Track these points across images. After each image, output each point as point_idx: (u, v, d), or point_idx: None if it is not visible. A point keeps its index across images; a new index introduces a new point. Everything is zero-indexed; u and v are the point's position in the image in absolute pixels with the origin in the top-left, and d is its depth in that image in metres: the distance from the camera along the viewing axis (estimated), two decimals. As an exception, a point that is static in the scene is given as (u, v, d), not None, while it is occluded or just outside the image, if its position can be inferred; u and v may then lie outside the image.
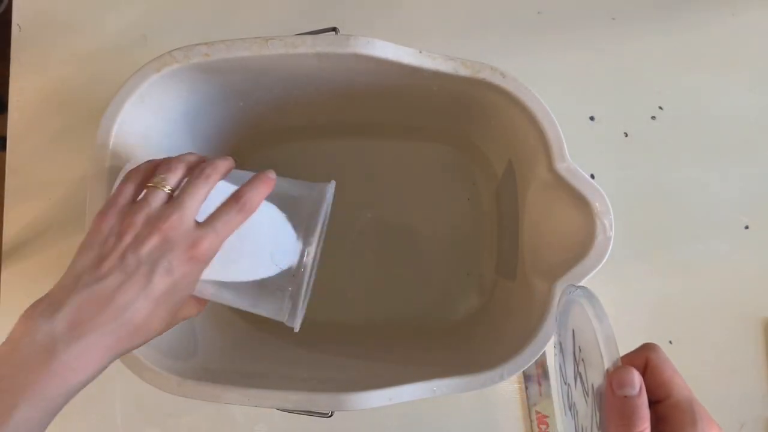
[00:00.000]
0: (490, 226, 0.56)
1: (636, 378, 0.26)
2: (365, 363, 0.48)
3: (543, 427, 0.53)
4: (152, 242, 0.32)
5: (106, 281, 0.31)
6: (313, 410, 0.38)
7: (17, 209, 0.57)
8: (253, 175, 0.36)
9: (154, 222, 0.32)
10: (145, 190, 0.34)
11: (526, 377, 0.54)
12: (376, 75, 0.41)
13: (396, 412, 0.55)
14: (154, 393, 0.38)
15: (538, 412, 0.53)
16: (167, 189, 0.34)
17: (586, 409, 0.29)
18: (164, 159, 0.36)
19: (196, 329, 0.47)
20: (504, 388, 0.55)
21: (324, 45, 0.38)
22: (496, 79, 0.38)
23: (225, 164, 0.36)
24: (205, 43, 0.39)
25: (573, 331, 0.31)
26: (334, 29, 0.45)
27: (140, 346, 0.34)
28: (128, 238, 0.32)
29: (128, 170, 0.36)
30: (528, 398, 0.54)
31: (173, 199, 0.33)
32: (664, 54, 0.57)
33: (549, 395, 0.54)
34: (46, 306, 0.31)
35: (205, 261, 0.34)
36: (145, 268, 0.32)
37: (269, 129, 0.55)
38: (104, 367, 0.32)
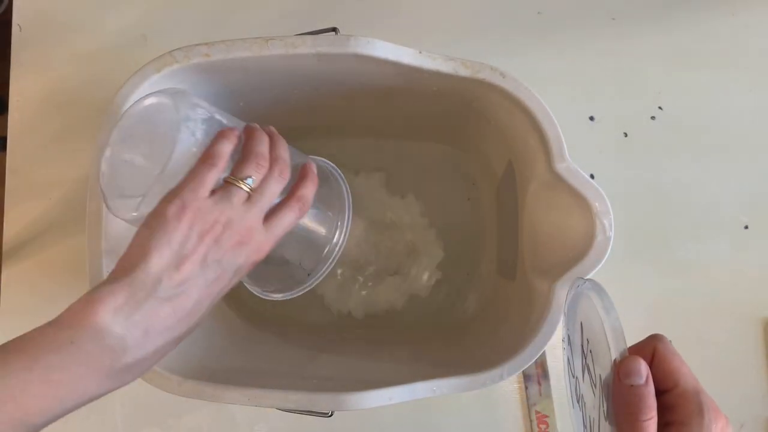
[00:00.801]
0: (490, 226, 0.56)
1: (642, 367, 0.26)
2: (365, 363, 0.48)
3: (543, 426, 0.53)
4: (230, 245, 0.32)
5: (188, 293, 0.31)
6: (313, 410, 0.38)
7: (17, 209, 0.57)
8: (301, 170, 0.37)
9: (235, 225, 0.32)
10: (226, 184, 0.33)
11: (526, 377, 0.54)
12: (376, 75, 0.41)
13: (396, 412, 0.55)
14: (154, 393, 0.38)
15: (538, 412, 0.53)
16: (248, 188, 0.33)
17: (593, 400, 0.29)
18: (246, 142, 0.35)
19: (197, 329, 0.47)
20: (504, 388, 0.55)
21: (324, 45, 0.38)
22: (496, 79, 0.38)
23: (287, 153, 0.36)
24: (205, 43, 0.39)
25: (581, 323, 0.32)
26: (334, 29, 0.45)
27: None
28: (209, 240, 0.31)
29: (200, 148, 0.33)
30: (528, 398, 0.54)
31: (252, 201, 0.33)
32: (664, 54, 0.57)
33: (549, 395, 0.54)
34: (123, 302, 0.29)
35: (264, 257, 0.34)
36: (222, 274, 0.32)
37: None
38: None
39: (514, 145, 0.45)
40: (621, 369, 0.27)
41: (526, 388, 0.54)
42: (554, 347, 0.55)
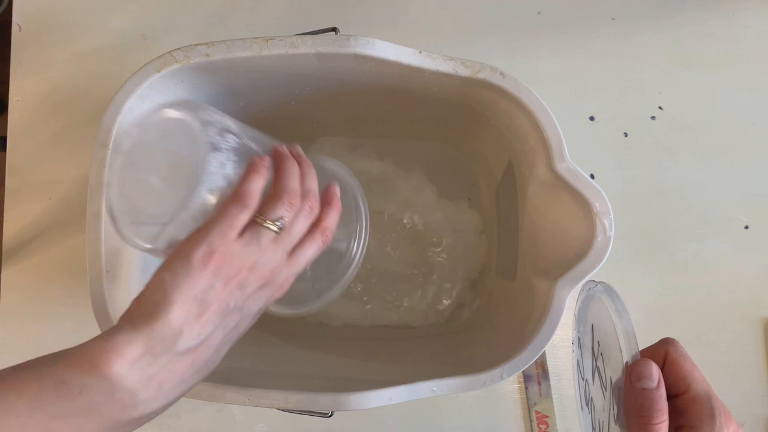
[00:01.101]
0: (490, 226, 0.56)
1: (654, 371, 0.26)
2: (365, 363, 0.48)
3: (543, 427, 0.53)
4: (254, 288, 0.30)
5: (207, 344, 0.29)
6: (313, 410, 0.38)
7: (17, 209, 0.57)
8: (324, 195, 0.35)
9: (261, 268, 0.30)
10: (255, 225, 0.30)
11: (526, 377, 0.54)
12: (376, 75, 0.41)
13: (396, 412, 0.55)
14: (154, 393, 0.38)
15: (538, 412, 0.53)
16: (277, 228, 0.31)
17: (603, 403, 0.29)
18: (277, 176, 0.33)
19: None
20: (504, 388, 0.55)
21: (324, 45, 0.38)
22: (496, 79, 0.38)
23: (316, 183, 0.34)
24: (205, 43, 0.39)
25: (592, 325, 0.32)
26: (334, 29, 0.45)
27: None
28: (233, 286, 0.29)
29: (229, 182, 0.31)
30: (528, 398, 0.54)
31: (280, 241, 0.31)
32: (664, 54, 0.57)
33: (549, 395, 0.54)
34: (140, 355, 0.27)
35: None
36: (243, 319, 0.31)
37: (269, 129, 0.55)
38: None
39: (514, 145, 0.45)
40: (632, 372, 0.26)
41: (526, 388, 0.54)
42: (554, 347, 0.55)
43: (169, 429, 0.55)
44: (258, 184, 0.31)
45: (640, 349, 0.28)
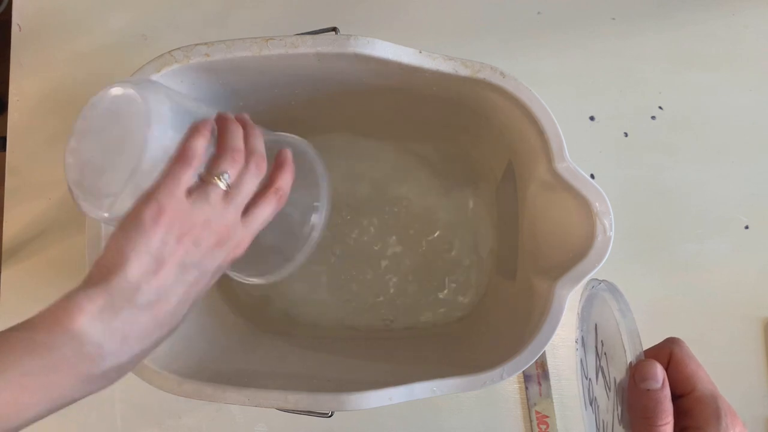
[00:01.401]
0: (490, 226, 0.56)
1: (659, 371, 0.26)
2: (365, 363, 0.48)
3: (543, 427, 0.53)
4: (209, 246, 0.31)
5: (167, 298, 0.30)
6: (313, 410, 0.38)
7: (17, 209, 0.57)
8: (277, 158, 0.36)
9: (214, 225, 0.31)
10: (203, 183, 0.32)
11: (526, 377, 0.54)
12: (376, 75, 0.41)
13: (396, 412, 0.55)
14: (154, 393, 0.38)
15: (538, 412, 0.53)
16: (225, 185, 0.32)
17: (607, 403, 0.29)
18: (220, 136, 0.34)
19: (196, 329, 0.47)
20: (504, 388, 0.55)
21: (324, 45, 0.38)
22: (496, 79, 0.38)
23: (262, 144, 0.35)
24: (205, 43, 0.39)
25: (596, 325, 0.31)
26: (334, 29, 0.45)
27: None
28: (187, 243, 0.30)
29: (173, 144, 0.32)
30: (528, 398, 0.54)
31: (230, 198, 0.32)
32: (664, 54, 0.57)
33: (549, 395, 0.54)
34: (101, 309, 0.28)
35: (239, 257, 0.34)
36: (202, 275, 0.31)
37: (269, 128, 0.55)
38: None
39: (514, 145, 0.45)
40: (637, 373, 0.26)
41: (526, 388, 0.54)
42: (554, 347, 0.55)
43: (169, 429, 0.55)
44: (199, 142, 0.32)
45: (645, 348, 0.28)
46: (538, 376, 0.54)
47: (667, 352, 0.28)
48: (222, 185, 0.32)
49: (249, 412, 0.55)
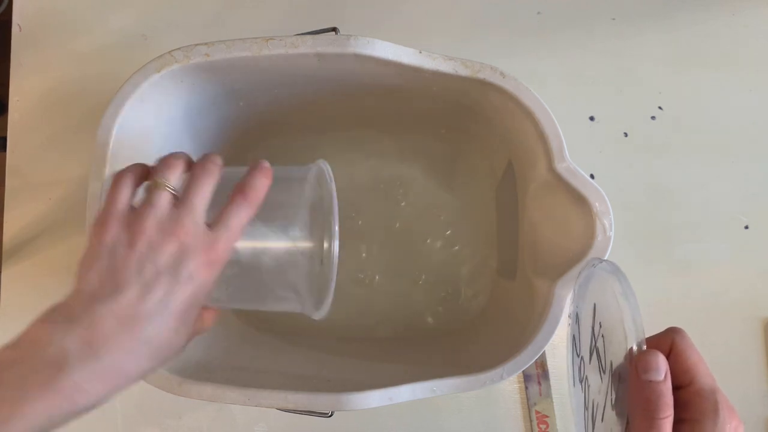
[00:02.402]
0: (490, 226, 0.56)
1: (662, 363, 0.26)
2: (365, 363, 0.48)
3: (543, 427, 0.53)
4: (169, 249, 0.29)
5: (125, 293, 0.28)
6: (313, 410, 0.38)
7: (17, 209, 0.57)
8: (249, 168, 0.34)
9: (168, 227, 0.30)
10: (144, 192, 0.31)
11: (526, 377, 0.54)
12: (376, 75, 0.41)
13: (396, 412, 0.55)
14: (154, 393, 0.38)
15: (538, 412, 0.53)
16: (170, 188, 0.31)
17: (600, 385, 0.29)
18: (158, 161, 0.33)
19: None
20: (504, 388, 0.55)
21: (324, 45, 0.38)
22: (496, 79, 0.38)
23: (219, 158, 0.33)
24: (205, 43, 0.39)
25: (594, 305, 0.31)
26: (334, 29, 0.45)
27: (160, 367, 0.31)
28: (142, 247, 0.29)
29: (113, 175, 0.33)
30: (528, 398, 0.54)
31: (181, 202, 0.30)
32: (664, 54, 0.57)
33: (549, 395, 0.53)
34: (63, 316, 0.28)
35: (222, 263, 0.32)
36: (165, 279, 0.29)
37: (269, 128, 0.55)
38: (119, 391, 0.29)
39: (514, 145, 0.45)
40: (639, 363, 0.26)
41: (526, 388, 0.54)
42: (554, 347, 0.55)
43: (169, 429, 0.55)
44: (135, 167, 0.32)
45: (646, 336, 0.27)
46: (538, 375, 0.54)
47: (669, 342, 0.27)
48: (168, 188, 0.31)
49: (249, 412, 0.55)
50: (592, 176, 0.56)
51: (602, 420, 0.28)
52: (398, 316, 0.56)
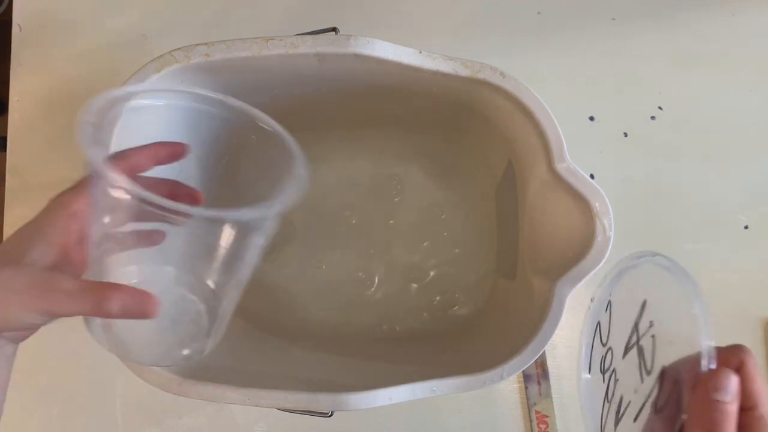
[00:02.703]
0: (490, 226, 0.56)
1: (734, 386, 0.25)
2: (365, 363, 0.48)
3: (543, 426, 0.53)
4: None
5: None
6: (313, 410, 0.38)
7: (17, 209, 0.57)
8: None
9: None
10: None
11: (526, 377, 0.54)
12: (376, 75, 0.41)
13: (396, 412, 0.55)
14: (154, 393, 0.38)
15: (538, 412, 0.53)
16: None
17: (638, 384, 0.28)
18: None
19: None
20: (504, 388, 0.55)
21: (324, 45, 0.38)
22: (496, 79, 0.38)
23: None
24: (205, 44, 0.39)
25: (645, 301, 0.30)
26: (334, 29, 0.45)
27: None
28: None
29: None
30: (528, 398, 0.54)
31: None
32: (664, 54, 0.57)
33: (549, 395, 0.53)
34: None
35: None
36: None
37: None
38: None
39: (514, 145, 0.45)
40: (711, 381, 0.25)
41: (526, 388, 0.54)
42: (554, 347, 0.55)
43: (169, 429, 0.55)
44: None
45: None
46: (538, 375, 0.54)
47: (738, 361, 0.27)
48: None
49: (249, 412, 0.55)
50: (592, 176, 0.56)
51: (635, 420, 0.28)
52: (398, 316, 0.56)
